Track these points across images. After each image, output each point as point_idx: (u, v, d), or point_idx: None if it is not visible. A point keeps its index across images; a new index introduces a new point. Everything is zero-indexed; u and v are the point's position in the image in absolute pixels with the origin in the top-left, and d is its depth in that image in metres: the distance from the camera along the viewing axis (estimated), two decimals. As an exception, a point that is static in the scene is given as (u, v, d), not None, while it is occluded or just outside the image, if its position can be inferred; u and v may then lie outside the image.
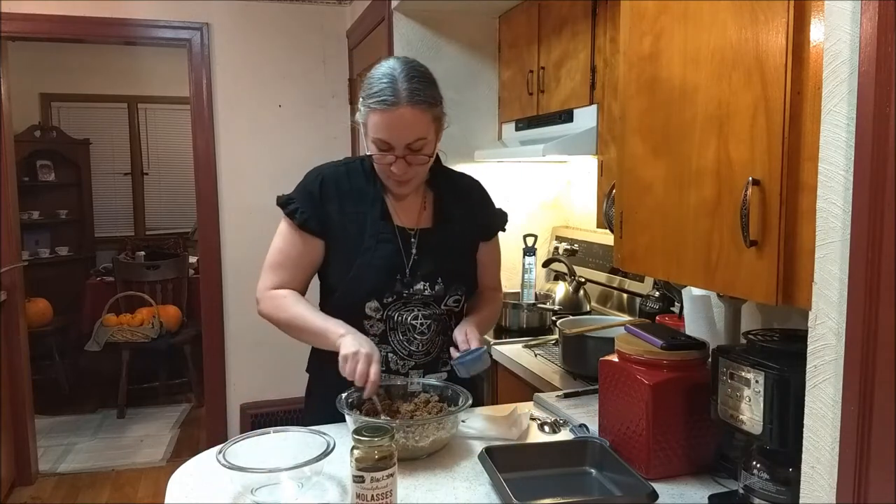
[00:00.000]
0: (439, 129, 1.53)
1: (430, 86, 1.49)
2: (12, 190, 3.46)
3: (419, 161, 1.50)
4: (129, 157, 6.27)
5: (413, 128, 1.45)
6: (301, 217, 1.55)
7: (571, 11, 2.37)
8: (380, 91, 1.44)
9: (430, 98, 1.47)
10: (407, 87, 1.43)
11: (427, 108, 1.46)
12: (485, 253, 1.69)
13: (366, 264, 1.53)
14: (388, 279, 1.53)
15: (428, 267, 1.57)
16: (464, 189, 1.71)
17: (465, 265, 1.65)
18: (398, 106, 1.43)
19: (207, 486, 1.27)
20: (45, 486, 3.49)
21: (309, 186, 1.59)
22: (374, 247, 1.54)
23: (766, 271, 1.08)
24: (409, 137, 1.46)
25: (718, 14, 1.16)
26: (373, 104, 1.45)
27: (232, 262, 3.71)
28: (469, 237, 1.66)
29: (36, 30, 3.42)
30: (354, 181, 1.60)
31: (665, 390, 1.27)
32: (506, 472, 1.22)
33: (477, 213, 1.69)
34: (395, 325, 1.56)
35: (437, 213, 1.63)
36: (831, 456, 0.87)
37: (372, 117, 1.46)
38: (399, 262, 1.55)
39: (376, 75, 1.47)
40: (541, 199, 3.15)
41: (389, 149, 1.47)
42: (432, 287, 1.56)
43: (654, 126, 1.34)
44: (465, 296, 1.63)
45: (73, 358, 4.93)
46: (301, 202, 1.56)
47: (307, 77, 3.77)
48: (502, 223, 1.76)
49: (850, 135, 0.83)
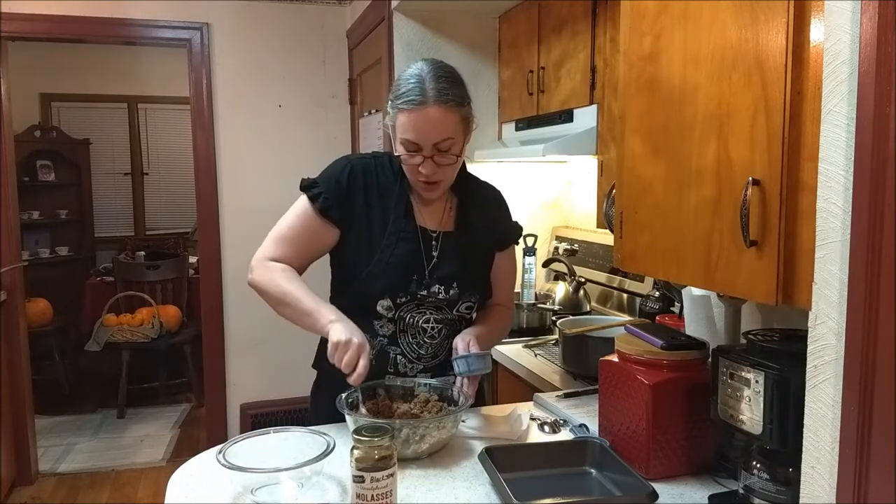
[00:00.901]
0: (467, 129, 1.52)
1: (458, 85, 1.49)
2: (12, 190, 3.46)
3: (447, 161, 1.49)
4: (129, 157, 6.28)
5: (440, 127, 1.45)
6: (324, 203, 1.53)
7: (571, 11, 2.37)
8: (408, 91, 1.44)
9: (457, 97, 1.47)
10: (434, 87, 1.44)
11: (454, 108, 1.46)
12: (499, 265, 1.68)
13: (384, 261, 1.52)
14: (405, 278, 1.52)
15: (446, 270, 1.56)
16: (486, 198, 1.70)
17: (481, 272, 1.64)
18: (426, 105, 1.43)
19: (207, 486, 1.27)
20: (45, 486, 3.49)
21: (337, 175, 1.56)
22: (394, 244, 1.53)
23: (766, 271, 1.08)
24: (436, 137, 1.46)
25: (718, 14, 1.16)
26: (401, 104, 1.45)
27: (232, 262, 3.71)
28: (487, 245, 1.66)
29: (36, 30, 3.42)
30: (382, 176, 1.59)
31: (665, 390, 1.27)
32: (506, 472, 1.22)
33: (496, 223, 1.69)
34: (405, 327, 1.55)
35: (459, 217, 1.62)
36: (831, 456, 0.87)
37: (400, 118, 1.47)
38: (417, 263, 1.54)
39: (404, 77, 1.48)
40: (541, 199, 3.15)
41: (417, 149, 1.47)
42: (447, 291, 1.56)
43: (654, 126, 1.34)
44: (477, 303, 1.63)
45: (73, 358, 4.93)
46: (326, 188, 1.54)
47: (307, 77, 3.77)
48: (517, 236, 1.75)
49: (850, 135, 0.83)
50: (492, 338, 1.66)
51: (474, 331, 1.57)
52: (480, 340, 1.53)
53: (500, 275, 1.69)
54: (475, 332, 1.56)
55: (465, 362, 1.47)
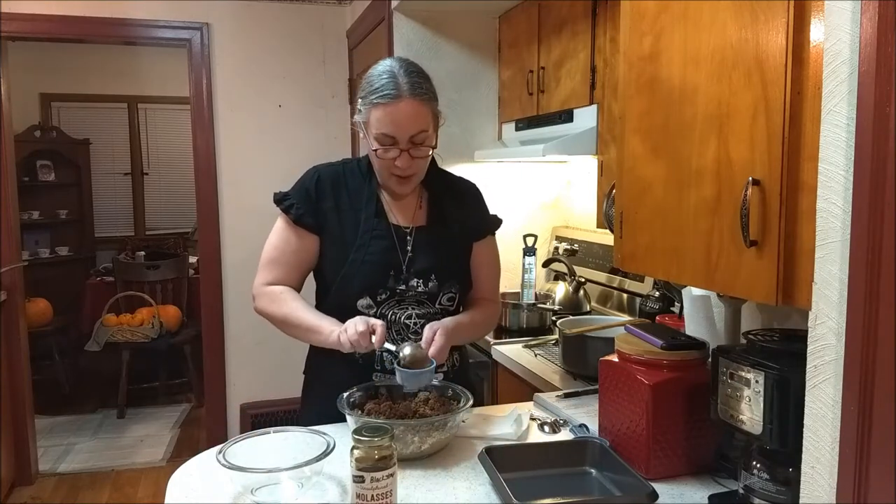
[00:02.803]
0: (437, 125, 1.56)
1: (428, 81, 1.54)
2: (12, 190, 3.46)
3: (421, 154, 1.52)
4: (129, 157, 6.28)
5: (416, 119, 1.49)
6: (297, 212, 1.58)
7: (571, 11, 2.37)
8: (381, 86, 1.48)
9: (429, 92, 1.52)
10: (408, 81, 1.48)
11: (427, 101, 1.51)
12: (478, 254, 1.68)
13: (359, 260, 1.55)
14: (382, 275, 1.54)
15: (422, 263, 1.57)
16: (459, 190, 1.72)
17: (458, 264, 1.65)
18: (401, 98, 1.47)
19: (207, 486, 1.27)
20: (45, 486, 3.49)
21: (305, 184, 1.62)
22: (367, 243, 1.56)
23: (766, 271, 1.08)
24: (412, 129, 1.49)
25: (718, 14, 1.16)
26: (375, 99, 1.48)
27: (232, 262, 3.71)
28: (463, 236, 1.66)
29: (36, 30, 3.42)
30: (350, 180, 1.63)
31: (665, 390, 1.27)
32: (506, 472, 1.22)
33: (470, 214, 1.70)
34: (388, 325, 1.56)
35: (431, 211, 1.64)
36: (831, 456, 0.87)
37: (374, 113, 1.49)
38: (393, 259, 1.56)
39: (375, 73, 1.51)
40: (541, 199, 3.15)
41: (393, 143, 1.50)
42: (426, 284, 1.57)
43: (654, 126, 1.34)
44: (458, 294, 1.63)
45: (73, 358, 4.93)
46: (297, 198, 1.59)
47: (307, 77, 3.77)
48: (495, 226, 1.74)
49: (850, 135, 0.83)
50: (471, 329, 1.63)
51: (450, 321, 1.53)
52: (454, 332, 1.50)
53: (479, 264, 1.68)
54: (451, 322, 1.52)
55: (401, 375, 1.42)
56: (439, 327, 1.47)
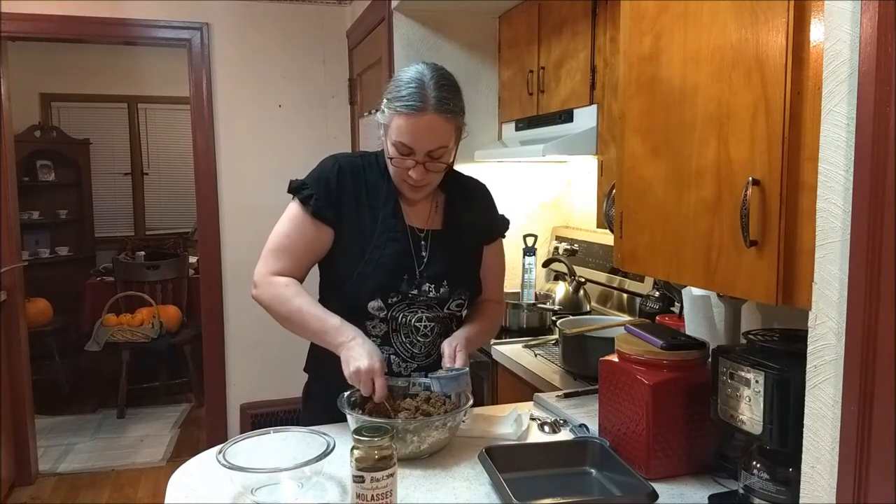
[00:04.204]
0: (459, 139, 1.53)
1: (457, 95, 1.49)
2: (12, 190, 3.46)
3: (437, 168, 1.49)
4: (129, 157, 6.27)
5: (437, 135, 1.45)
6: (316, 204, 1.52)
7: (571, 11, 2.37)
8: (408, 95, 1.43)
9: (456, 108, 1.47)
10: (436, 95, 1.43)
11: (452, 118, 1.46)
12: (488, 258, 1.68)
13: (374, 261, 1.51)
14: (395, 279, 1.52)
15: (437, 268, 1.55)
16: (471, 192, 1.70)
17: (470, 269, 1.64)
18: (425, 112, 1.42)
19: (207, 486, 1.27)
20: (45, 486, 3.49)
21: (325, 173, 1.55)
22: (383, 244, 1.52)
23: (766, 271, 1.08)
24: (431, 144, 1.45)
25: (718, 14, 1.16)
26: (399, 107, 1.44)
27: (232, 262, 3.71)
28: (475, 241, 1.65)
29: (36, 30, 3.42)
30: (370, 175, 1.58)
31: (665, 390, 1.27)
32: (506, 472, 1.22)
33: (482, 217, 1.68)
34: (398, 327, 1.55)
35: (447, 215, 1.62)
36: (831, 456, 0.87)
37: (396, 120, 1.45)
38: (407, 262, 1.53)
39: (404, 79, 1.46)
40: (541, 199, 3.15)
41: (410, 153, 1.46)
42: (437, 289, 1.55)
43: (654, 126, 1.34)
44: (468, 300, 1.62)
45: (73, 358, 4.93)
46: (316, 189, 1.53)
47: (307, 77, 3.77)
48: (504, 229, 1.74)
49: (850, 135, 0.83)
50: (483, 336, 1.66)
51: (465, 332, 1.55)
52: (470, 343, 1.53)
53: (488, 267, 1.68)
54: (466, 333, 1.54)
55: (439, 383, 1.44)
56: (457, 342, 1.49)
